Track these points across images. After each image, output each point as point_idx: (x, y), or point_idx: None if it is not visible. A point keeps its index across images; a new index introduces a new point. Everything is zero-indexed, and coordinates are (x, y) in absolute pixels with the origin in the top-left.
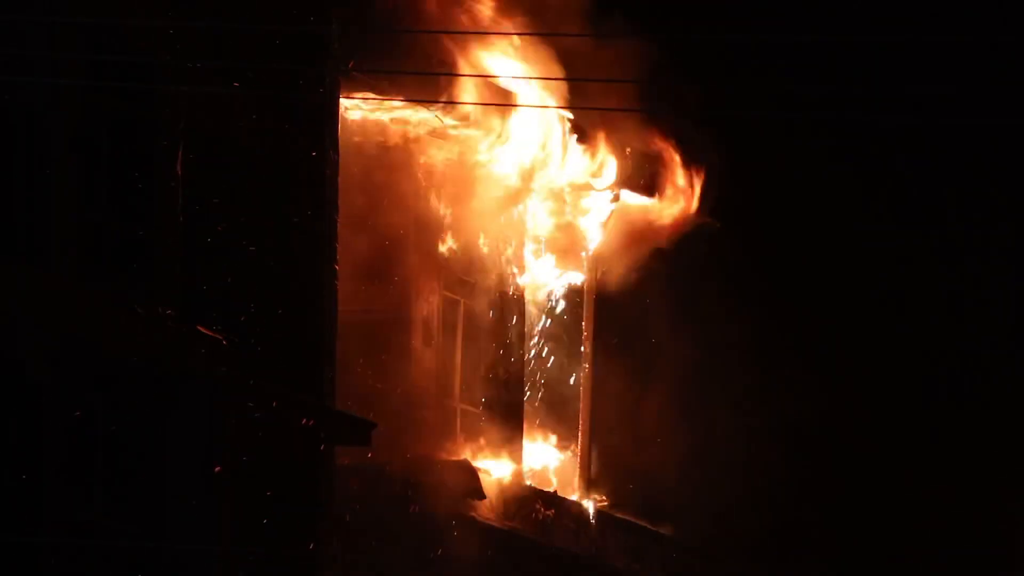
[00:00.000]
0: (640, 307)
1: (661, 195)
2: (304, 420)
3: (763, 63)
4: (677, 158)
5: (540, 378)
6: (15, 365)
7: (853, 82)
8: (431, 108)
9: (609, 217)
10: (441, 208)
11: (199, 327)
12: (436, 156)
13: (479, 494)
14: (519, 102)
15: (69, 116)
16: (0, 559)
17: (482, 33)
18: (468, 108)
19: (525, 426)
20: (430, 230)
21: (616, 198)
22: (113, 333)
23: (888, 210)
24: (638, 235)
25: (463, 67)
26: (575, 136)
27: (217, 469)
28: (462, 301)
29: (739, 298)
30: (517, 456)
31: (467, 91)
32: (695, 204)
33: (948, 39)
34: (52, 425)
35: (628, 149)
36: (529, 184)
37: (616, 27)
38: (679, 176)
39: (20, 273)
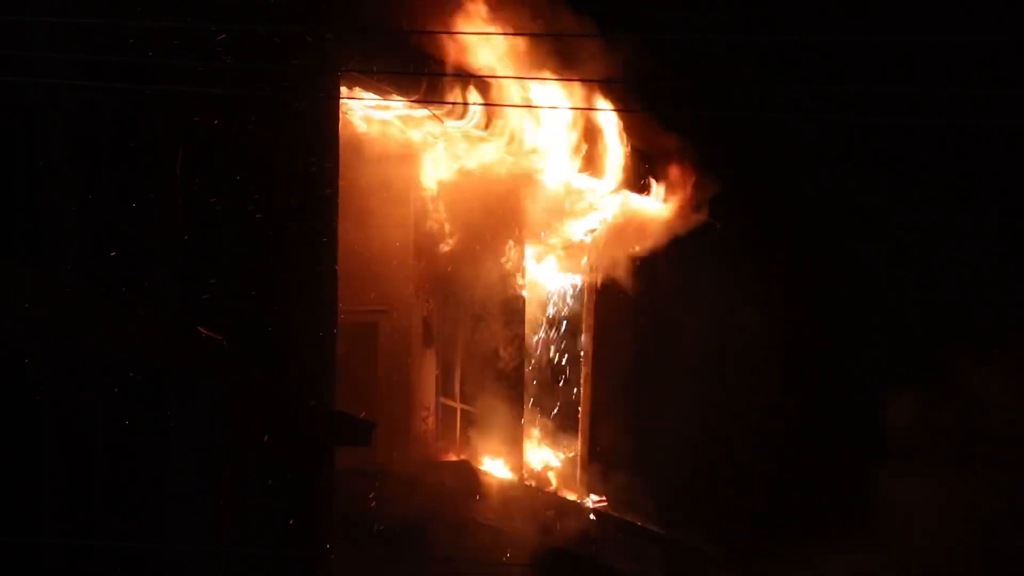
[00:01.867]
0: (641, 307)
1: (660, 195)
2: (304, 420)
3: (763, 63)
4: (676, 158)
5: (540, 379)
6: (15, 365)
7: (851, 82)
8: (430, 108)
9: (610, 217)
10: (442, 208)
11: (199, 327)
12: (436, 156)
13: (479, 494)
14: (519, 103)
15: (69, 116)
16: (0, 559)
17: (480, 33)
18: (468, 108)
19: (525, 426)
20: (431, 230)
21: (617, 199)
22: (113, 333)
23: (885, 210)
24: (638, 235)
25: (462, 68)
26: (578, 137)
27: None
28: (463, 302)
29: (739, 297)
30: (517, 456)
31: (465, 91)
32: (694, 204)
33: (948, 39)
34: (52, 425)
35: (628, 149)
36: (530, 185)
37: (615, 26)
38: (678, 176)
39: (20, 273)
